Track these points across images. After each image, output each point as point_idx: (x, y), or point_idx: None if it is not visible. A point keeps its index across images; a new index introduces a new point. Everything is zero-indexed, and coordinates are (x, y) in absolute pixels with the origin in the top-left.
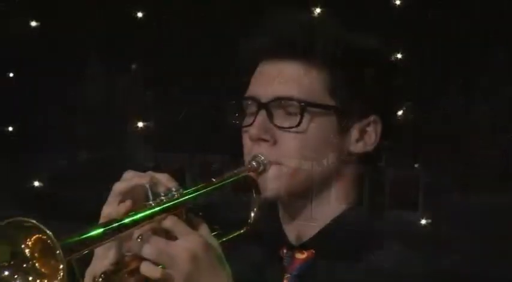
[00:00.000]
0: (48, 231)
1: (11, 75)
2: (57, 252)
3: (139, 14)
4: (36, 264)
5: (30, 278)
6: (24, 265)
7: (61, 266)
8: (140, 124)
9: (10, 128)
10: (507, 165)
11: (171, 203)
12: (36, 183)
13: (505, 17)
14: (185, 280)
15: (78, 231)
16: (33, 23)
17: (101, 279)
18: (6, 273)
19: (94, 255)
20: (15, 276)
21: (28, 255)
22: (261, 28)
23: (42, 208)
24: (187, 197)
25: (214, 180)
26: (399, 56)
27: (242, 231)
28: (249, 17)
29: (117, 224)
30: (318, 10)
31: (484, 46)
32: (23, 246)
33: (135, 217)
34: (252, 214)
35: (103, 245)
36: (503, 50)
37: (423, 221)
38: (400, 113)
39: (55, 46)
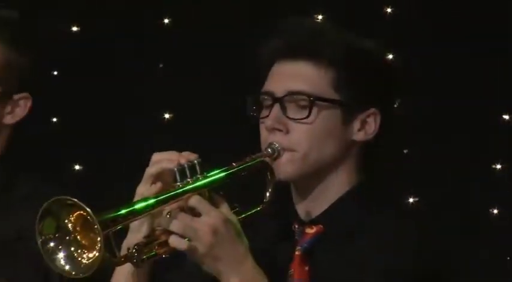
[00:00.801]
0: (87, 209)
1: (55, 73)
2: (95, 226)
3: (166, 20)
4: (78, 237)
5: (72, 249)
6: (67, 237)
7: (99, 239)
8: (167, 115)
9: (54, 119)
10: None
11: (196, 184)
12: (77, 167)
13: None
14: (207, 251)
15: (114, 208)
16: (74, 28)
17: (134, 250)
18: (52, 244)
19: (129, 229)
20: (60, 247)
21: (70, 229)
22: (276, 32)
23: (81, 188)
24: (209, 179)
25: (234, 164)
26: (390, 56)
27: (258, 209)
28: (267, 22)
29: (147, 202)
30: (320, 17)
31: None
32: (66, 221)
33: (165, 196)
34: (267, 194)
35: (136, 220)
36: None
37: (411, 199)
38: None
39: (93, 47)
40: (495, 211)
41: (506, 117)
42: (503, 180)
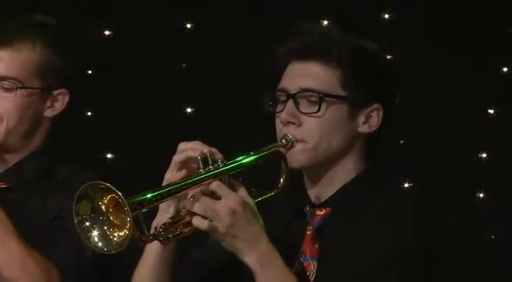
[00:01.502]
0: (118, 192)
1: (90, 72)
2: (125, 208)
3: (188, 25)
4: (110, 217)
5: (105, 228)
6: (101, 218)
7: (128, 219)
8: (189, 109)
9: (89, 113)
10: None
11: (217, 170)
12: (109, 155)
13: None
14: (227, 230)
15: (143, 192)
16: (107, 32)
17: (161, 229)
18: (87, 223)
19: (158, 210)
20: (94, 226)
21: (104, 210)
22: (289, 36)
23: (113, 174)
24: (229, 166)
25: (252, 153)
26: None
27: (273, 193)
28: (280, 27)
29: (173, 187)
30: (325, 22)
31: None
32: (100, 203)
33: (189, 181)
34: (281, 180)
35: (163, 202)
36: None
37: (406, 184)
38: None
39: (123, 49)
40: (481, 195)
41: (491, 111)
42: (488, 167)
